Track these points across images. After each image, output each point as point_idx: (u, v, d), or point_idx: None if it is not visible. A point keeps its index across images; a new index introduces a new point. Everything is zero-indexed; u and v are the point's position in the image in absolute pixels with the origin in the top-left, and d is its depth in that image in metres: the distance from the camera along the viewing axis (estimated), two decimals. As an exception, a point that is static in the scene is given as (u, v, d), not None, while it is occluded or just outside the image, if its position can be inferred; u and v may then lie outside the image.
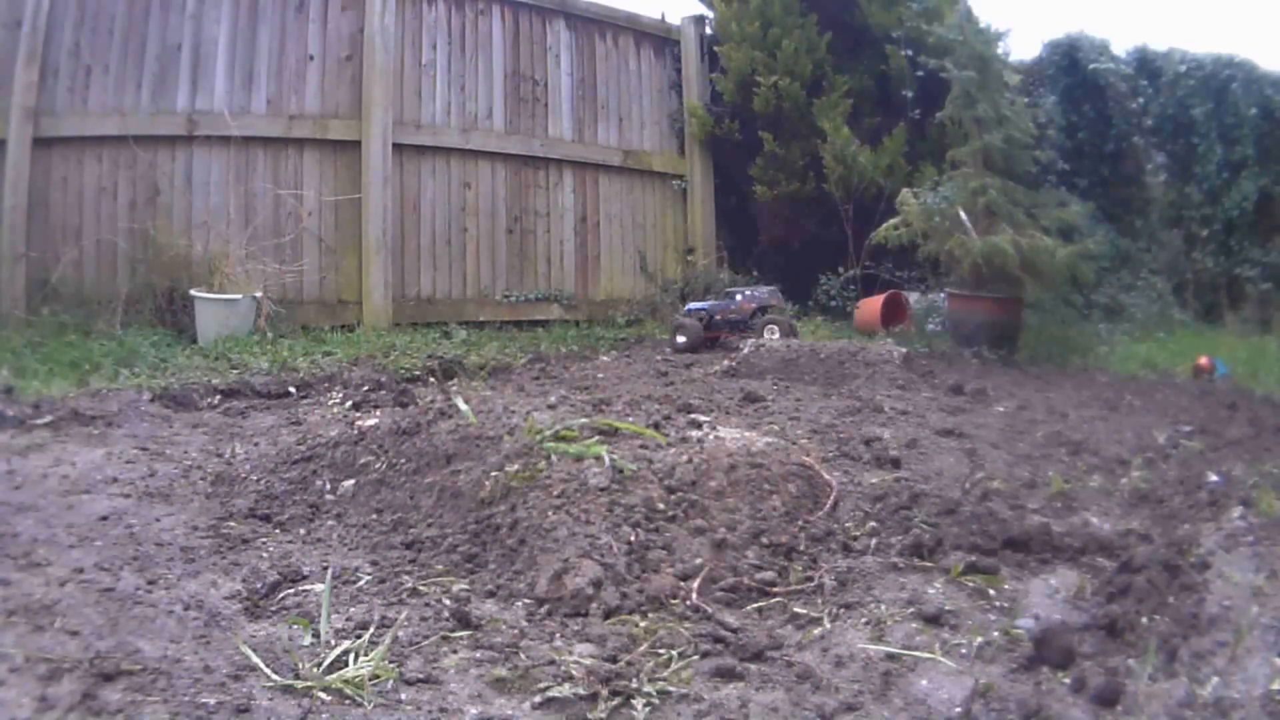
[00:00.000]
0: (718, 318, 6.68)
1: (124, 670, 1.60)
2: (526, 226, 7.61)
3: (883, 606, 2.06)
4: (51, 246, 5.62)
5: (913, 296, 7.49)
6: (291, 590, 2.12)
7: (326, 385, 4.71)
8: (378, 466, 2.81)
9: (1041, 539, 2.39)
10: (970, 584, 2.18)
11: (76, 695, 1.51)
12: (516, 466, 2.50)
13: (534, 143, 7.63)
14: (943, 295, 6.94)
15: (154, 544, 2.35)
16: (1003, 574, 2.23)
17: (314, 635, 1.85)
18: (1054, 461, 3.37)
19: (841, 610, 2.06)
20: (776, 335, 6.18)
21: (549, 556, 2.17)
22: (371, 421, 3.18)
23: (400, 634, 1.89)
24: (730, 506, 2.41)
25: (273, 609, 2.00)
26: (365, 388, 4.58)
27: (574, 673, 1.74)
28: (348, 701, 1.59)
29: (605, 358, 6.19)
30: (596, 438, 2.66)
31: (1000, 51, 6.81)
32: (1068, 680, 1.74)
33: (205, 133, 6.11)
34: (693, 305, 6.94)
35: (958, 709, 1.66)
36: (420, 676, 1.71)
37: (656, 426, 2.87)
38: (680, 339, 6.48)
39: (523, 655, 1.82)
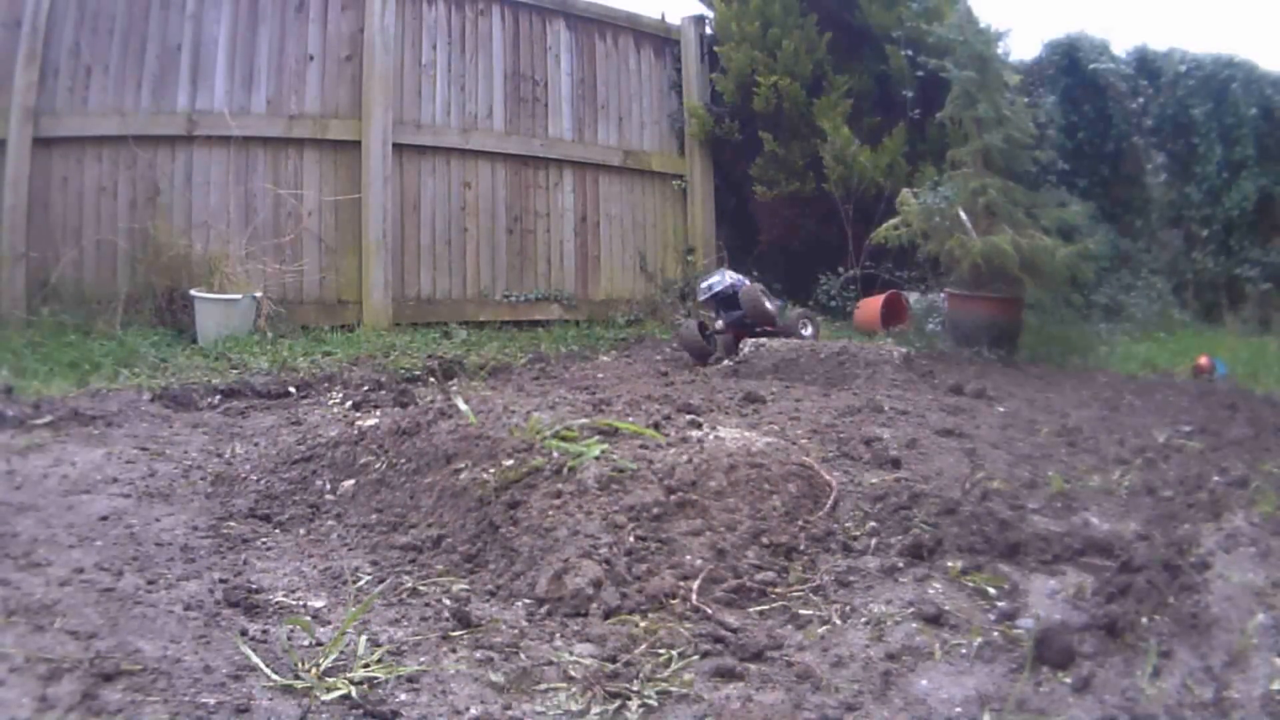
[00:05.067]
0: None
1: (124, 670, 1.60)
2: (526, 226, 7.61)
3: (883, 606, 2.06)
4: (51, 246, 5.61)
5: (913, 296, 7.49)
6: (291, 590, 2.13)
7: (326, 385, 4.71)
8: (378, 466, 2.81)
9: (1041, 539, 2.39)
10: (970, 584, 2.18)
11: (76, 695, 1.51)
12: (517, 466, 2.50)
13: (534, 143, 7.63)
14: (943, 295, 6.93)
15: (154, 544, 2.35)
16: (1002, 574, 2.23)
17: (314, 635, 1.85)
18: (1054, 461, 3.37)
19: (841, 610, 2.06)
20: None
21: (549, 556, 2.17)
22: (371, 421, 3.18)
23: (400, 634, 1.89)
24: (730, 506, 2.41)
25: (272, 609, 2.00)
26: (365, 388, 4.58)
27: (574, 673, 1.74)
28: (347, 701, 1.59)
29: (605, 358, 6.19)
30: (597, 438, 2.66)
31: (1000, 51, 6.80)
32: (1068, 680, 1.74)
33: (205, 133, 6.11)
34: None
35: (958, 709, 1.66)
36: (420, 676, 1.71)
37: (656, 426, 2.87)
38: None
39: (523, 655, 1.82)
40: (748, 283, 6.05)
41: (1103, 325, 7.39)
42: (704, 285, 6.16)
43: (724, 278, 6.08)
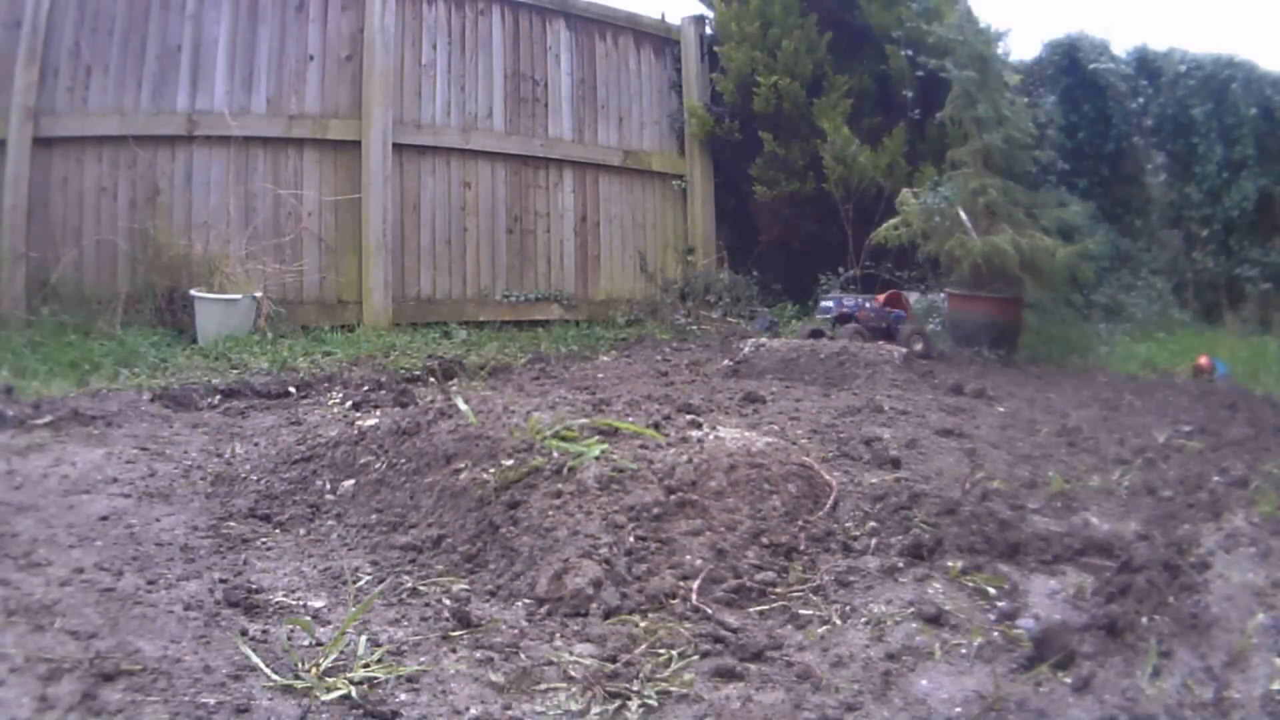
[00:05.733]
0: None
1: (124, 670, 1.60)
2: (526, 226, 7.61)
3: (883, 606, 2.06)
4: (51, 246, 5.61)
5: (913, 296, 7.48)
6: (291, 590, 2.13)
7: (326, 385, 4.70)
8: (378, 466, 2.81)
9: (1041, 539, 2.39)
10: (970, 584, 2.18)
11: (76, 695, 1.51)
12: (517, 466, 2.50)
13: (534, 143, 7.63)
14: (943, 295, 6.93)
15: (154, 544, 2.35)
16: (1002, 574, 2.23)
17: (314, 635, 1.85)
18: (1054, 461, 3.37)
19: (841, 610, 2.06)
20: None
21: (549, 556, 2.17)
22: (371, 421, 3.18)
23: (400, 634, 1.89)
24: (730, 506, 2.41)
25: (272, 609, 2.00)
26: (365, 388, 4.58)
27: (574, 673, 1.74)
28: (347, 701, 1.59)
29: (605, 358, 6.19)
30: (596, 438, 2.66)
31: (1000, 51, 6.80)
32: (1068, 680, 1.74)
33: (205, 133, 6.11)
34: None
35: (958, 709, 1.66)
36: (420, 676, 1.71)
37: (656, 426, 2.87)
38: None
39: (523, 655, 1.82)
40: (868, 305, 6.56)
41: (1103, 325, 7.38)
42: (822, 305, 6.76)
43: (838, 304, 6.58)
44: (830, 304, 6.63)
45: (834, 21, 8.07)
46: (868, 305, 6.54)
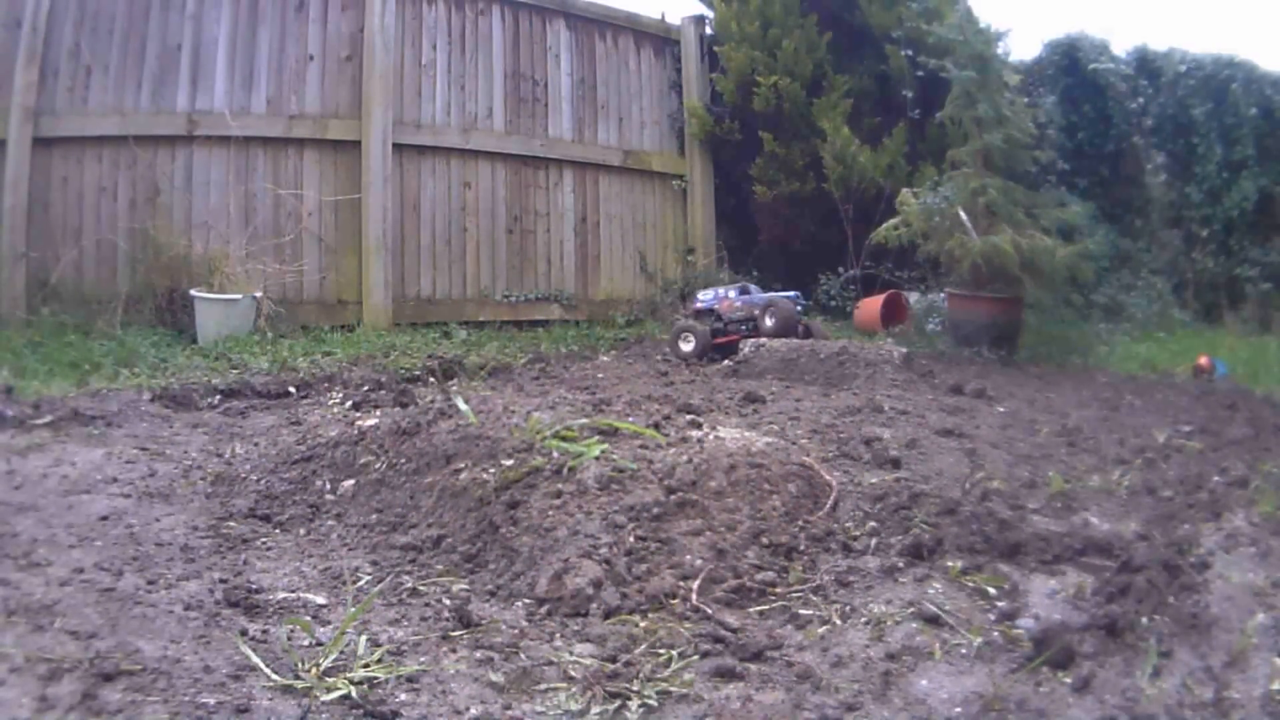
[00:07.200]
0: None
1: (124, 670, 1.60)
2: (526, 226, 7.61)
3: (883, 606, 2.06)
4: (51, 246, 5.61)
5: (913, 296, 7.48)
6: (291, 591, 2.13)
7: (326, 385, 4.71)
8: (378, 466, 2.81)
9: (1041, 539, 2.39)
10: (970, 584, 2.18)
11: (76, 695, 1.51)
12: (517, 466, 2.50)
13: (534, 143, 7.63)
14: (943, 295, 6.93)
15: (154, 544, 2.35)
16: (1002, 574, 2.23)
17: (314, 635, 1.85)
18: (1054, 461, 3.37)
19: (841, 610, 2.06)
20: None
21: (549, 556, 2.17)
22: (371, 421, 3.18)
23: (400, 634, 1.89)
24: (730, 506, 2.41)
25: (272, 609, 2.00)
26: (365, 388, 4.58)
27: (574, 673, 1.74)
28: (347, 702, 1.59)
29: (605, 358, 6.19)
30: (597, 438, 2.66)
31: (1000, 51, 6.80)
32: (1068, 680, 1.74)
33: (205, 133, 6.11)
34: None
35: (957, 709, 1.66)
36: (420, 676, 1.71)
37: (656, 426, 2.87)
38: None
39: (523, 655, 1.82)
40: (730, 295, 6.32)
41: (1103, 325, 7.38)
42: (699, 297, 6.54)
43: (715, 294, 6.42)
44: (711, 296, 6.36)
45: (834, 21, 8.07)
46: (730, 295, 6.24)
